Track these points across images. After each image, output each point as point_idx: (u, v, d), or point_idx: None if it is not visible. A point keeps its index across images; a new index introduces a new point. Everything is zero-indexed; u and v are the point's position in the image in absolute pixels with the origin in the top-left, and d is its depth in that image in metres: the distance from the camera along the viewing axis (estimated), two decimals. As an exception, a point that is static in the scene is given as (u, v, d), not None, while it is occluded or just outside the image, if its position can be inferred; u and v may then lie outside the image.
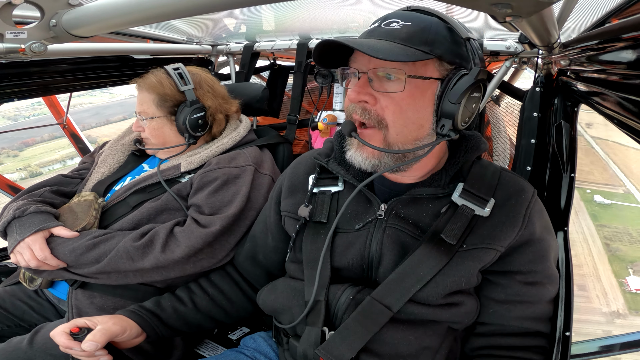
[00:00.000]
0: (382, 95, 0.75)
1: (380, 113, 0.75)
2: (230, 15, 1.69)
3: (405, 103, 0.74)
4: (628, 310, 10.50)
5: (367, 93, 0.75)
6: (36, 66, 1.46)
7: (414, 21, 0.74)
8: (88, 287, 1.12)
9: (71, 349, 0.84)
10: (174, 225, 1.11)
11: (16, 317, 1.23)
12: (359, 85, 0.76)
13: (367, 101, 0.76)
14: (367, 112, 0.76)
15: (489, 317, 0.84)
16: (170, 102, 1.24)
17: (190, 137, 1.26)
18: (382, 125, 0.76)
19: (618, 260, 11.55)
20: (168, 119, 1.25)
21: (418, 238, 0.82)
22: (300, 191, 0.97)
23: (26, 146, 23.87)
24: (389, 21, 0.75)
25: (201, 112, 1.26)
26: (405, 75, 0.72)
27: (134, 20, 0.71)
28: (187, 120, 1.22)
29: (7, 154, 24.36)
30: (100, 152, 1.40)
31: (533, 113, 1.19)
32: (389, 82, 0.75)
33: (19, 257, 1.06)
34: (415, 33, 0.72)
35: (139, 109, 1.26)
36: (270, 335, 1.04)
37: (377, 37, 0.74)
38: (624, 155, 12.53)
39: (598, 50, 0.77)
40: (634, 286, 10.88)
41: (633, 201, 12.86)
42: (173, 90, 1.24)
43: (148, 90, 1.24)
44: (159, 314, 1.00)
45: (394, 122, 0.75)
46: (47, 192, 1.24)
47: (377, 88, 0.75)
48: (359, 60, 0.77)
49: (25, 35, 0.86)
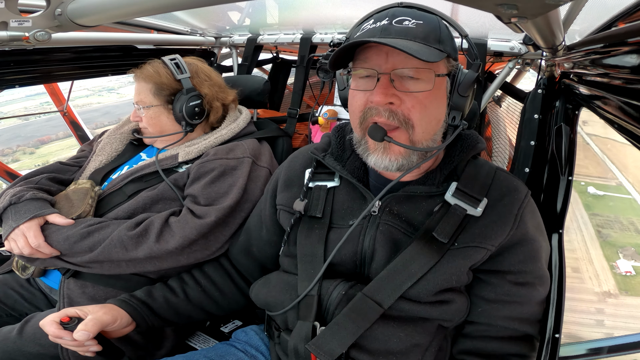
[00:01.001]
0: (406, 95, 0.75)
1: (407, 113, 0.75)
2: (235, 8, 1.68)
3: (428, 101, 0.76)
4: (618, 290, 11.33)
5: (392, 94, 0.75)
6: (39, 54, 1.45)
7: (424, 19, 0.75)
8: (80, 277, 1.11)
9: (61, 338, 0.84)
10: (169, 215, 1.10)
11: (7, 307, 1.23)
12: (383, 86, 0.75)
13: (393, 102, 0.75)
14: (394, 114, 0.75)
15: (477, 316, 0.85)
16: (167, 91, 1.24)
17: (187, 125, 1.26)
18: (409, 126, 0.76)
19: (609, 245, 12.45)
20: (165, 107, 1.26)
21: (410, 235, 0.82)
22: (297, 185, 0.97)
23: (42, 144, 24.34)
24: (401, 19, 0.74)
25: (198, 100, 1.26)
26: (435, 74, 0.75)
27: (139, 11, 0.71)
28: (184, 107, 1.23)
29: (23, 151, 24.77)
30: (98, 140, 1.39)
31: (534, 115, 1.19)
32: (412, 82, 0.75)
33: (12, 244, 1.05)
34: (429, 32, 0.74)
35: (137, 98, 1.26)
36: (262, 329, 1.04)
37: (395, 35, 0.73)
38: (617, 151, 13.36)
39: (603, 54, 0.77)
40: (624, 269, 11.72)
41: (624, 192, 13.87)
42: (169, 79, 1.24)
43: (145, 80, 1.24)
44: (150, 303, 1.00)
45: (420, 121, 0.76)
46: (44, 179, 1.23)
47: (401, 88, 0.75)
48: (373, 60, 0.76)
49: (30, 23, 0.86)
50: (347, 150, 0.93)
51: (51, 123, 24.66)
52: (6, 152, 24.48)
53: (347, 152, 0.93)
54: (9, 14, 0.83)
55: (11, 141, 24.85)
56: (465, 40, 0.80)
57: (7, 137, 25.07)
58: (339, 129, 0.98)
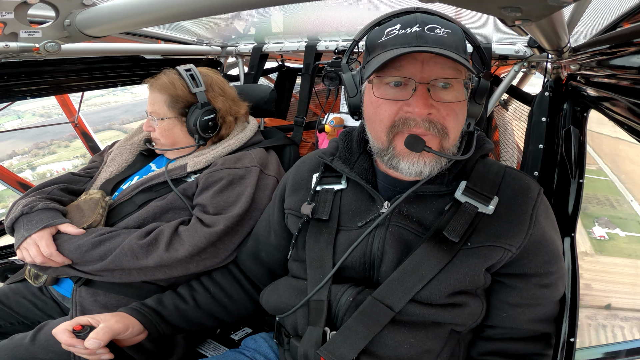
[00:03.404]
0: (441, 105, 0.76)
1: (443, 122, 0.77)
2: (240, 17, 1.70)
3: (459, 109, 0.78)
4: (594, 251, 14.42)
5: (431, 105, 0.75)
6: (49, 65, 1.48)
7: (451, 28, 0.77)
8: (92, 285, 1.13)
9: (73, 346, 0.84)
10: (178, 224, 1.11)
11: (19, 315, 1.24)
12: (422, 97, 0.74)
13: (431, 113, 0.76)
14: (433, 124, 0.76)
15: (501, 321, 0.84)
16: (181, 104, 1.25)
17: (200, 139, 1.27)
18: (444, 134, 0.77)
19: (587, 216, 15.98)
20: (179, 119, 1.26)
21: (421, 236, 0.81)
22: (304, 189, 0.97)
23: (74, 138, 25.32)
24: (432, 27, 0.75)
25: (211, 114, 1.26)
26: (463, 82, 0.78)
27: (146, 21, 0.72)
28: (198, 122, 1.23)
29: (59, 145, 26.23)
30: (109, 151, 1.41)
31: (541, 118, 1.18)
32: (445, 92, 0.76)
33: (25, 253, 1.07)
34: (458, 42, 0.77)
35: (151, 109, 1.27)
36: (271, 337, 1.04)
37: (433, 44, 0.73)
38: (599, 141, 16.05)
39: (609, 55, 0.76)
40: (598, 234, 15.15)
41: (603, 175, 17.17)
42: (185, 91, 1.24)
43: (160, 91, 1.25)
44: (161, 311, 1.00)
45: (453, 129, 0.78)
46: (56, 189, 1.25)
47: (436, 98, 0.75)
48: (406, 68, 0.75)
49: (40, 34, 0.87)
50: (354, 153, 0.93)
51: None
52: (41, 146, 25.82)
53: (354, 155, 0.93)
54: (19, 24, 0.84)
55: (39, 137, 26.17)
56: (477, 50, 0.83)
57: (33, 133, 26.54)
58: (346, 134, 0.98)
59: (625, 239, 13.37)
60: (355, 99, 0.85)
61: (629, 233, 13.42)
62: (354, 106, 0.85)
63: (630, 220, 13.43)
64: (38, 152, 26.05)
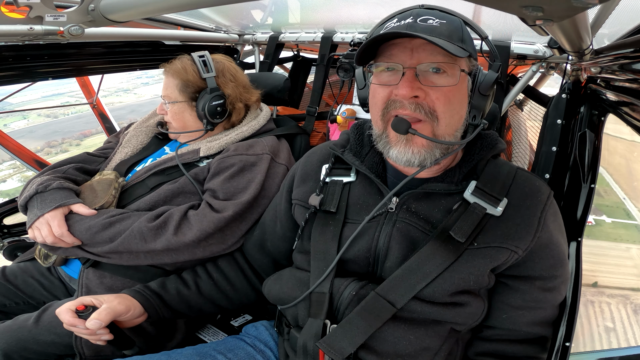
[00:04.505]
0: (430, 89, 0.76)
1: (432, 105, 0.76)
2: (258, 6, 1.70)
3: (452, 95, 0.77)
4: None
5: (418, 88, 0.76)
6: (72, 48, 1.51)
7: (446, 19, 0.76)
8: (99, 267, 1.14)
9: (75, 326, 0.86)
10: (188, 209, 1.13)
11: (25, 294, 1.26)
12: (409, 80, 0.75)
13: (418, 95, 0.76)
14: (420, 106, 0.76)
15: (500, 322, 0.84)
16: (192, 88, 1.27)
17: (208, 124, 1.28)
18: (434, 117, 0.77)
19: None
20: (189, 104, 1.28)
21: (428, 233, 0.81)
22: (313, 180, 0.97)
23: (85, 137, 26.31)
24: (425, 18, 0.76)
25: (220, 99, 1.28)
26: (460, 69, 0.77)
27: (167, 7, 0.73)
28: (207, 107, 1.25)
29: (70, 143, 26.87)
30: (125, 132, 1.43)
31: (557, 120, 1.16)
32: (437, 76, 0.76)
33: (36, 233, 1.08)
34: (453, 31, 0.76)
35: (164, 92, 1.29)
36: (272, 325, 1.05)
37: (421, 32, 0.73)
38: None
39: (633, 59, 0.75)
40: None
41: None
42: (195, 76, 1.26)
43: (173, 76, 1.27)
44: (163, 295, 1.02)
45: (444, 114, 0.77)
46: (71, 169, 1.28)
47: (426, 82, 0.76)
48: (397, 56, 0.77)
49: (65, 18, 0.89)
50: (365, 147, 0.93)
51: (82, 120, 26.50)
52: (53, 144, 26.68)
53: (365, 148, 0.93)
54: (44, 8, 0.86)
55: (49, 136, 26.85)
56: (485, 42, 0.82)
57: (42, 132, 27.14)
58: (357, 126, 0.98)
59: (611, 225, 13.33)
60: (364, 91, 0.88)
61: (614, 219, 13.29)
62: (362, 98, 0.89)
63: (616, 208, 13.32)
64: (50, 150, 26.83)
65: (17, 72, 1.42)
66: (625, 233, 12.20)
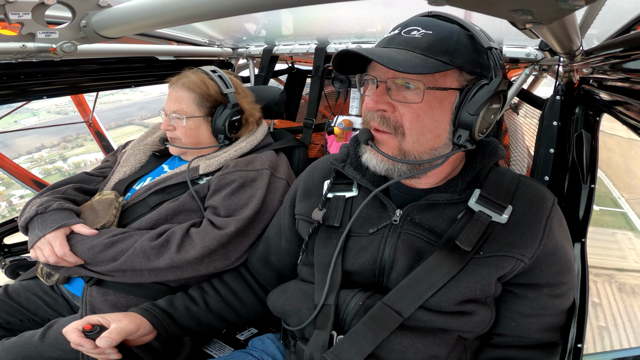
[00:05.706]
0: (399, 104, 0.75)
1: (399, 120, 0.76)
2: (251, 19, 1.72)
3: (423, 112, 0.74)
4: None
5: (385, 102, 0.76)
6: (65, 65, 1.51)
7: (434, 29, 0.73)
8: (103, 285, 1.14)
9: (82, 346, 0.85)
10: (190, 226, 1.13)
11: (29, 312, 1.26)
12: (377, 94, 0.76)
13: (385, 109, 0.76)
14: (386, 120, 0.76)
15: (510, 330, 0.83)
16: (210, 103, 1.27)
17: (226, 139, 1.29)
18: (399, 132, 0.76)
19: None
20: (205, 119, 1.28)
21: (433, 243, 0.81)
22: (315, 195, 0.97)
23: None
24: (410, 29, 0.74)
25: (239, 115, 1.29)
26: (424, 86, 0.72)
27: (160, 22, 0.73)
28: (227, 122, 1.26)
29: (85, 138, 27.84)
30: (122, 151, 1.43)
31: (553, 122, 1.16)
32: (408, 91, 0.74)
33: (38, 253, 1.08)
34: (435, 42, 0.71)
35: (175, 107, 1.25)
36: (278, 337, 1.04)
37: (396, 45, 0.73)
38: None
39: (623, 58, 0.75)
40: None
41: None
42: (216, 91, 1.27)
43: (188, 89, 1.25)
44: (172, 312, 1.01)
45: (410, 130, 0.75)
46: (70, 189, 1.27)
47: (395, 97, 0.75)
48: (377, 68, 0.77)
49: (57, 35, 0.89)
50: None
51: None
52: (69, 139, 27.46)
53: None
54: (36, 25, 0.85)
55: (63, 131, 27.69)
56: (489, 52, 0.73)
57: (54, 130, 28.16)
58: (356, 139, 0.98)
59: (599, 212, 13.68)
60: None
61: (602, 207, 13.66)
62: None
63: (604, 197, 13.67)
64: (67, 144, 27.65)
65: (11, 90, 1.42)
66: (611, 219, 12.91)
